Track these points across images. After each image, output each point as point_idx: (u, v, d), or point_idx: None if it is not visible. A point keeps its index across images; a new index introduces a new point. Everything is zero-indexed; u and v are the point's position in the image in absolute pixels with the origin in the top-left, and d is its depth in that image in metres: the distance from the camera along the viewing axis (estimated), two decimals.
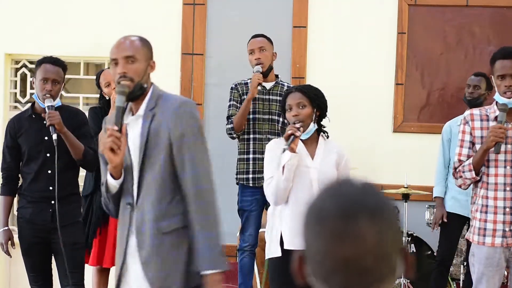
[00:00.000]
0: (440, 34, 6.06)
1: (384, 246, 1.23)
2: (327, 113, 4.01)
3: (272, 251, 3.84)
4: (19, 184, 4.53)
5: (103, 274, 5.15)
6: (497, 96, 3.89)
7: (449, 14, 6.05)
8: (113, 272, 5.24)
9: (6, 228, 4.49)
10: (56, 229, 4.27)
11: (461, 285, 5.41)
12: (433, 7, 6.06)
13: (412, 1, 6.06)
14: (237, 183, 5.08)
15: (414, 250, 5.50)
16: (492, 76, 3.92)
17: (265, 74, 5.02)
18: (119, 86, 2.87)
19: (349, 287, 1.23)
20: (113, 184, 2.90)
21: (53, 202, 4.29)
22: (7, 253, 4.52)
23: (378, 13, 6.09)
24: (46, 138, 4.36)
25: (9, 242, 4.50)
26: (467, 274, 5.21)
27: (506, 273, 4.93)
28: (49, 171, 4.33)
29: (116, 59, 2.92)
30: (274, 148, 3.90)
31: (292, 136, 3.73)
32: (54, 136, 4.22)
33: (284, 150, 3.70)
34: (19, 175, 4.53)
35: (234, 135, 4.97)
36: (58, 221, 4.27)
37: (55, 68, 4.38)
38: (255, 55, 5.00)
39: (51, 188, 4.32)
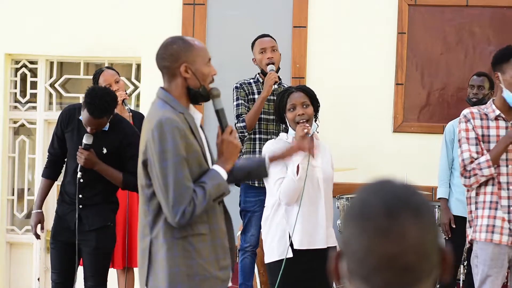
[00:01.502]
0: (440, 34, 6.06)
1: (426, 245, 1.24)
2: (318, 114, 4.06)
3: (280, 253, 3.82)
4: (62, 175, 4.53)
5: None
6: None
7: (449, 14, 6.05)
8: (112, 272, 5.24)
9: (39, 211, 4.49)
10: (80, 232, 4.32)
11: (461, 285, 5.41)
12: (433, 7, 6.06)
13: (412, 1, 6.05)
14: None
15: None
16: (500, 74, 3.88)
17: None
18: (215, 89, 3.00)
19: (390, 286, 1.23)
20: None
21: (81, 206, 4.32)
22: (36, 235, 4.52)
23: (378, 13, 6.09)
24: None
25: (39, 225, 4.49)
26: (467, 274, 5.20)
27: (506, 273, 4.93)
28: (82, 180, 4.32)
29: (210, 59, 3.07)
30: (274, 148, 3.90)
31: (308, 135, 3.76)
32: (79, 174, 4.28)
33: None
34: (63, 163, 4.52)
35: (246, 134, 4.96)
36: (83, 226, 4.33)
37: (98, 121, 4.23)
38: (267, 54, 5.02)
39: (80, 196, 4.33)
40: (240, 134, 4.97)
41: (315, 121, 4.02)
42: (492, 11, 6.02)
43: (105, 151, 4.36)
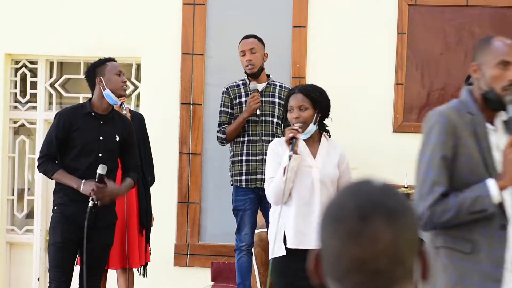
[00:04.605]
0: (440, 34, 6.06)
1: (399, 249, 1.22)
2: (330, 113, 4.02)
3: (276, 250, 3.85)
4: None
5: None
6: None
7: (449, 14, 6.05)
8: (111, 273, 5.24)
9: (84, 180, 4.33)
10: (95, 229, 4.32)
11: None
12: (433, 7, 6.06)
13: (412, 1, 6.05)
14: (232, 184, 5.11)
15: None
16: None
17: (256, 75, 5.05)
18: (509, 95, 2.71)
19: None
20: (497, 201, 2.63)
21: (96, 202, 4.29)
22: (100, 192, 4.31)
23: (378, 13, 6.09)
24: (101, 138, 4.40)
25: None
26: None
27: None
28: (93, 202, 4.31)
29: (509, 62, 2.77)
30: (276, 147, 3.92)
31: (294, 139, 3.76)
32: (90, 203, 4.23)
33: (290, 157, 3.71)
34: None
35: (225, 144, 5.06)
36: (99, 223, 4.35)
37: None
38: (246, 57, 5.02)
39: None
40: (219, 143, 5.10)
41: (323, 121, 4.02)
42: (492, 11, 6.02)
43: (117, 138, 4.45)
